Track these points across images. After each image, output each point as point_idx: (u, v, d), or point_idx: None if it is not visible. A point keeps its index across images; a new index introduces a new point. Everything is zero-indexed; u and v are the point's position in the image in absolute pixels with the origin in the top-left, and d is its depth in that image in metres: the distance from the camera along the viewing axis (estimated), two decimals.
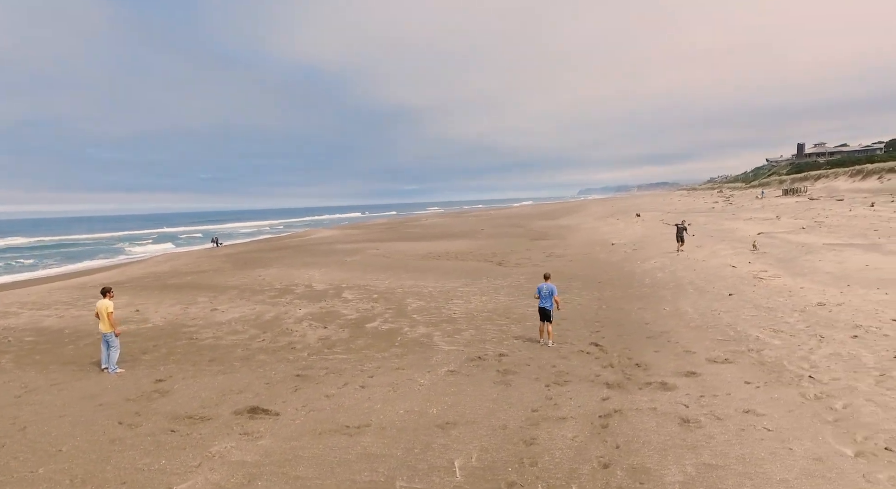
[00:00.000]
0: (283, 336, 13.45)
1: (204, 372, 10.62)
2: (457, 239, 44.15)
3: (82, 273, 33.63)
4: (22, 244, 72.65)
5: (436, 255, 31.56)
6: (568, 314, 15.24)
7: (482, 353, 11.67)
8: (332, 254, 33.98)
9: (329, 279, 22.95)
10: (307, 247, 40.97)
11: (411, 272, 24.53)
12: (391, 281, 22.13)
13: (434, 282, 21.64)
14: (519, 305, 16.56)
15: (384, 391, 9.39)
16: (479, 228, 57.93)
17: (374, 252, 34.79)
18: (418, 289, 19.85)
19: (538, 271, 23.12)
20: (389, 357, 11.55)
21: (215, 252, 42.61)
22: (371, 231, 61.76)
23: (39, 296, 20.84)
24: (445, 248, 35.65)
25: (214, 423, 8.02)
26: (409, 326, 14.28)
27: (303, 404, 8.81)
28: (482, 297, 18.01)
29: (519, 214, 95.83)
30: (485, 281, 21.53)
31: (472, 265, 26.76)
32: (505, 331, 13.62)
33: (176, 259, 37.06)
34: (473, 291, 19.24)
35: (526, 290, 19.08)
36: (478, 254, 31.49)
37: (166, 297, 19.40)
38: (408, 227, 66.56)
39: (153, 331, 14.23)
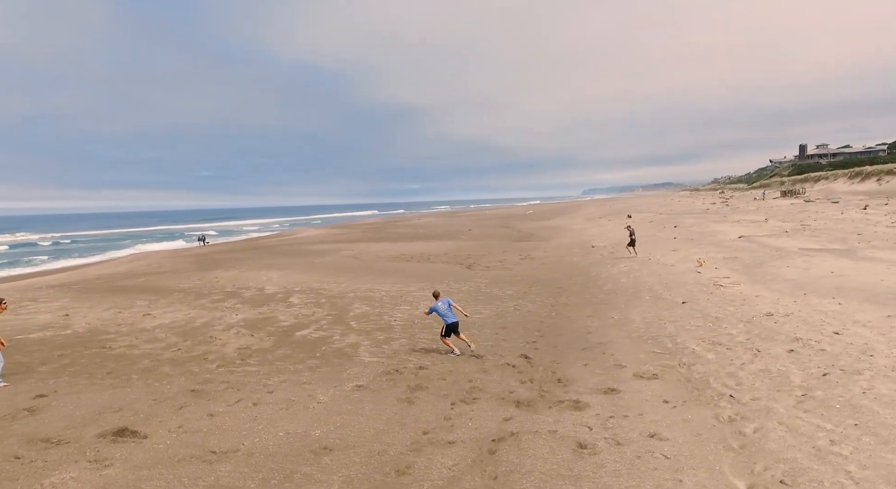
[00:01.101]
0: (201, 345, 12.80)
1: (95, 386, 9.97)
2: (437, 240, 43.49)
3: (44, 273, 33.02)
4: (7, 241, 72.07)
5: (407, 257, 30.90)
6: (512, 322, 14.58)
7: (402, 366, 11.01)
8: (304, 255, 33.34)
9: (285, 282, 22.30)
10: (282, 248, 40.35)
11: (373, 275, 23.88)
12: (348, 284, 21.47)
13: (391, 285, 20.98)
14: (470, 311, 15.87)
15: (275, 410, 8.73)
16: (467, 229, 57.29)
17: (347, 253, 34.14)
18: (371, 294, 19.19)
19: (506, 275, 22.52)
20: (302, 370, 10.89)
21: (188, 252, 41.96)
22: (355, 231, 61.13)
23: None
24: (421, 250, 34.99)
25: (69, 448, 7.35)
26: (340, 335, 13.62)
27: (179, 425, 8.14)
28: (427, 303, 17.31)
29: (513, 215, 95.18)
30: (444, 284, 20.84)
31: (440, 268, 26.09)
32: (438, 340, 12.94)
33: (142, 259, 36.47)
34: (427, 296, 18.54)
35: (483, 295, 18.43)
36: (451, 256, 30.82)
37: (105, 301, 18.76)
38: (395, 228, 65.89)
39: (69, 338, 13.58)
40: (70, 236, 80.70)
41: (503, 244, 38.25)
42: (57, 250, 56.84)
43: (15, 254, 52.14)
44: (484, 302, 17.38)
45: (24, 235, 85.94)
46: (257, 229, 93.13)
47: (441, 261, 28.63)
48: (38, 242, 70.35)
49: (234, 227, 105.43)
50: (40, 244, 67.22)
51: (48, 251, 56.26)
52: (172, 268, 28.67)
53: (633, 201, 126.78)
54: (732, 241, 27.64)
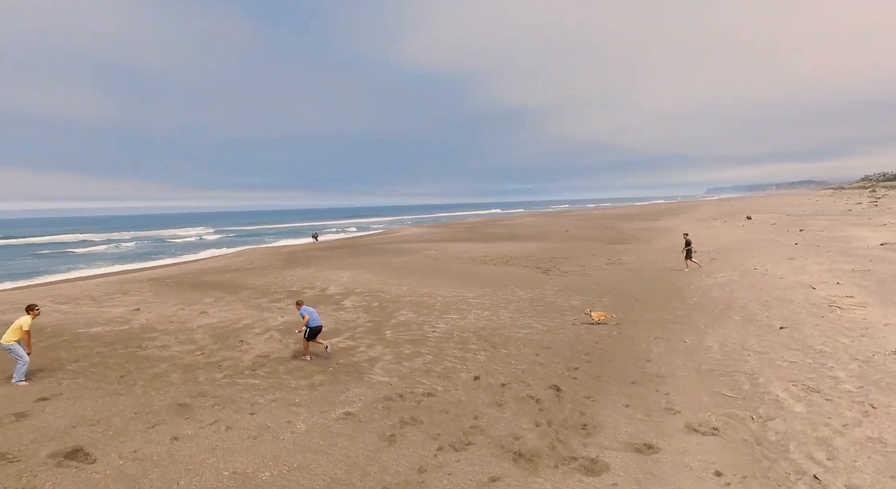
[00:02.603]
0: (226, 350, 12.40)
1: (98, 391, 9.77)
2: (527, 241, 41.44)
3: (159, 267, 36.00)
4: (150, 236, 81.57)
5: (486, 259, 29.39)
6: (561, 340, 12.60)
7: (409, 389, 9.66)
8: (385, 254, 33.13)
9: (351, 282, 21.88)
10: (371, 246, 40.66)
11: (441, 277, 22.72)
12: (410, 286, 20.51)
13: (452, 289, 19.66)
14: (515, 325, 14.13)
15: (242, 438, 7.80)
16: (564, 230, 54.38)
17: (429, 253, 33.38)
18: (426, 299, 18.01)
19: (581, 282, 20.33)
20: (302, 387, 9.93)
21: (291, 248, 43.75)
22: (451, 230, 60.60)
23: (79, 289, 22.04)
24: (504, 251, 33.30)
25: (12, 469, 6.91)
26: (367, 346, 12.57)
27: (135, 449, 7.47)
28: (483, 312, 15.76)
29: (618, 215, 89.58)
30: (507, 291, 19.13)
31: (514, 271, 24.29)
32: (467, 358, 11.41)
33: (243, 255, 38.51)
34: (482, 303, 17.01)
35: (543, 306, 16.50)
36: (532, 259, 28.81)
37: (178, 297, 19.47)
38: (491, 228, 64.46)
39: (118, 335, 13.90)
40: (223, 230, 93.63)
41: (595, 247, 35.32)
42: (193, 244, 62.79)
43: (162, 247, 58.56)
44: (540, 314, 15.45)
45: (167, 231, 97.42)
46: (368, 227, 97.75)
47: (519, 265, 26.77)
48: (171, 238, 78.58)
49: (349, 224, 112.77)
50: (182, 239, 74.89)
51: (183, 246, 62.27)
52: (261, 265, 29.73)
53: (759, 201, 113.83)
54: (870, 249, 22.74)
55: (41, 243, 74.68)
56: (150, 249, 57.39)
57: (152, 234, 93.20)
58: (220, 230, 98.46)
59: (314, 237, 57.05)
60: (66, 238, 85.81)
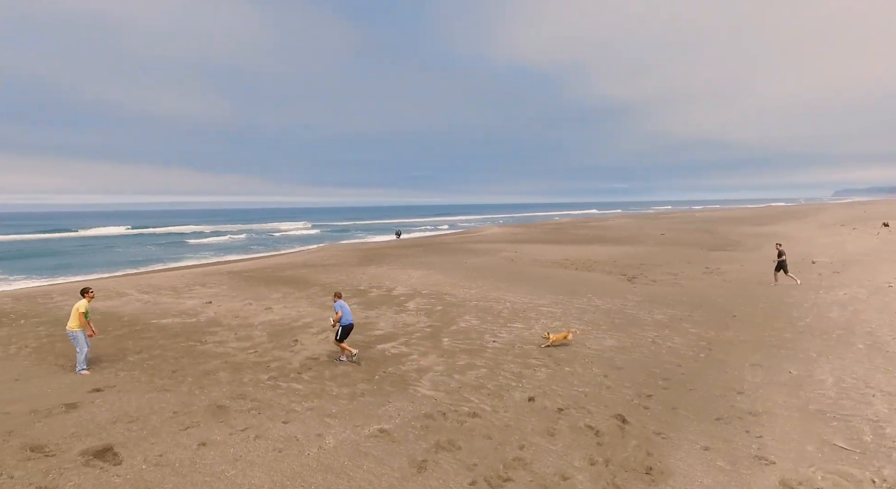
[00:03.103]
0: (278, 349, 12.20)
1: (148, 385, 9.81)
2: (615, 244, 39.01)
3: (245, 260, 37.81)
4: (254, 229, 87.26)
5: (567, 263, 27.77)
6: (636, 361, 11.13)
7: (454, 407, 8.78)
8: (461, 254, 32.44)
9: (420, 282, 21.38)
10: (448, 245, 40.16)
11: (514, 281, 21.61)
12: (479, 289, 19.62)
13: (523, 295, 18.51)
14: (586, 339, 12.79)
15: (267, 451, 7.32)
16: (659, 233, 50.86)
17: (506, 254, 32.26)
18: (494, 304, 17.03)
19: (669, 293, 18.49)
20: (342, 396, 9.37)
21: (370, 245, 44.38)
22: (535, 231, 58.82)
23: (165, 279, 23.32)
24: (589, 255, 31.41)
25: (44, 464, 6.87)
26: (420, 354, 11.84)
27: (162, 452, 7.24)
28: (552, 322, 14.50)
29: (724, 218, 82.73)
30: (583, 299, 17.66)
31: (594, 278, 22.60)
32: (524, 375, 10.33)
33: (323, 251, 39.48)
34: (553, 312, 15.74)
35: (621, 319, 14.96)
36: (618, 264, 26.81)
37: (250, 291, 19.95)
38: (578, 229, 61.84)
39: (184, 327, 14.25)
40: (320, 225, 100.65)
41: (692, 252, 32.37)
42: (290, 238, 66.20)
43: (261, 240, 62.37)
44: (616, 327, 13.93)
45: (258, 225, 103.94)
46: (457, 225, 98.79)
47: (601, 270, 24.95)
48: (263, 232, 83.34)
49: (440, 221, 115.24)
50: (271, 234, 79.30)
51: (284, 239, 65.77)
52: (336, 262, 30.19)
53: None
54: None
55: (161, 233, 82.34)
56: (250, 242, 61.14)
57: (256, 227, 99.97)
58: (316, 225, 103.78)
59: (397, 235, 57.84)
60: (182, 229, 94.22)
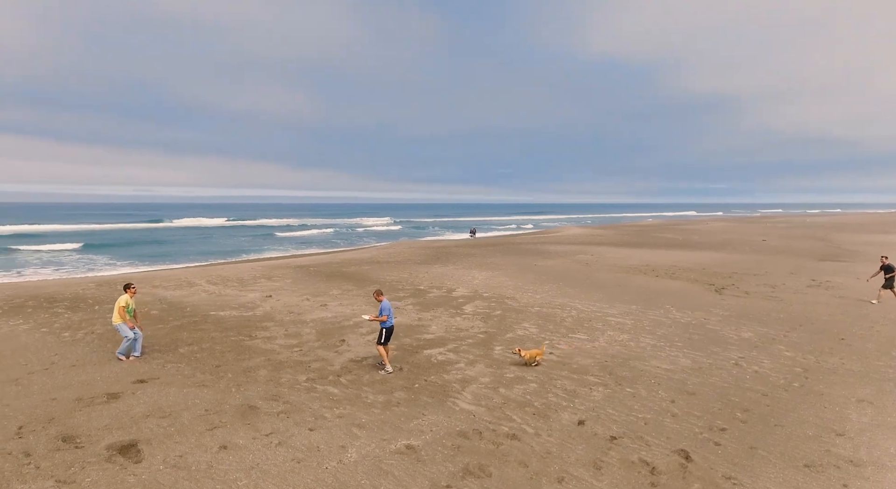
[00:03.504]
0: (323, 349, 11.89)
1: (190, 380, 9.78)
2: (705, 250, 36.03)
3: (316, 255, 38.70)
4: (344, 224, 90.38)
5: (647, 269, 25.80)
6: (712, 386, 9.71)
7: (492, 426, 7.95)
8: (532, 256, 31.22)
9: (483, 284, 20.58)
10: (520, 246, 38.91)
11: (585, 286, 20.25)
12: (545, 295, 18.51)
13: (592, 303, 17.19)
14: (656, 356, 11.45)
15: (285, 460, 6.89)
16: (759, 239, 46.61)
17: (581, 257, 30.65)
18: (557, 311, 15.90)
19: (763, 308, 16.60)
20: (375, 405, 8.81)
21: (442, 244, 44.06)
22: (616, 233, 55.95)
23: (235, 271, 24.06)
24: (673, 261, 29.10)
25: (70, 457, 6.84)
26: (467, 363, 11.07)
27: (183, 453, 7.01)
28: (620, 335, 13.21)
29: (839, 224, 74.81)
30: (660, 310, 16.08)
31: (676, 287, 20.70)
32: (578, 394, 9.27)
33: (392, 248, 39.55)
34: (623, 324, 14.38)
35: (701, 335, 13.40)
36: (706, 273, 24.52)
37: (310, 286, 20.07)
38: (665, 232, 58.15)
39: (238, 321, 14.37)
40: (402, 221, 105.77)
41: (797, 262, 29.08)
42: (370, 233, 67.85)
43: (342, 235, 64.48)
44: (694, 345, 12.39)
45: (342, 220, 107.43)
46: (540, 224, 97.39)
47: (686, 278, 22.87)
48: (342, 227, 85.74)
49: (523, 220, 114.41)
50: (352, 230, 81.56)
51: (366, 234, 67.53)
52: (402, 259, 30.03)
53: None
54: None
55: (253, 226, 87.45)
56: (332, 236, 63.26)
57: (341, 221, 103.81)
58: (399, 221, 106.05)
59: (472, 233, 57.21)
60: (273, 222, 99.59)
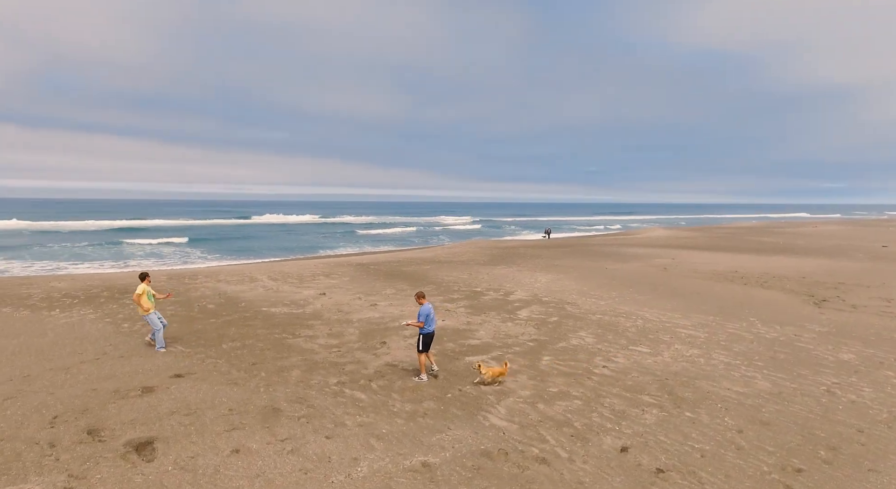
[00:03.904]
0: (363, 351, 11.51)
1: (224, 377, 9.71)
2: (806, 256, 32.45)
3: (379, 253, 38.91)
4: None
5: (732, 276, 23.46)
6: (793, 415, 8.29)
7: (521, 447, 7.15)
8: (604, 259, 29.50)
9: (544, 288, 19.52)
10: (594, 248, 37.00)
11: (656, 294, 18.64)
12: (610, 302, 17.18)
13: (662, 312, 15.69)
14: (728, 376, 10.06)
15: (293, 470, 6.51)
16: (880, 245, 41.53)
17: (660, 261, 28.53)
18: (621, 320, 14.62)
19: (871, 325, 14.81)
20: (400, 414, 8.26)
21: (500, 244, 42.82)
22: (704, 236, 52.01)
23: (297, 268, 24.42)
24: (766, 268, 26.35)
25: (89, 450, 6.84)
26: (511, 372, 10.25)
27: (195, 454, 6.83)
28: (689, 350, 11.81)
29: None
30: (742, 323, 14.35)
31: (765, 297, 18.55)
32: (627, 415, 8.21)
33: (457, 247, 38.88)
34: (695, 337, 12.91)
35: (787, 354, 11.75)
36: (805, 282, 21.87)
37: (365, 285, 19.91)
38: (761, 235, 53.36)
39: (286, 318, 14.35)
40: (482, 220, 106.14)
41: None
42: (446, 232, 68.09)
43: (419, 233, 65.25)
44: (778, 365, 10.79)
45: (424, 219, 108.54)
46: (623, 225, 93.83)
47: (780, 287, 20.49)
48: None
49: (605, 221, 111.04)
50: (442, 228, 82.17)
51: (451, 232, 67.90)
52: (465, 259, 29.38)
53: None
54: None
55: (337, 223, 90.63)
56: (408, 235, 63.99)
57: (422, 220, 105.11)
58: (479, 220, 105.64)
59: (546, 233, 55.55)
60: (355, 220, 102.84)
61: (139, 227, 66.48)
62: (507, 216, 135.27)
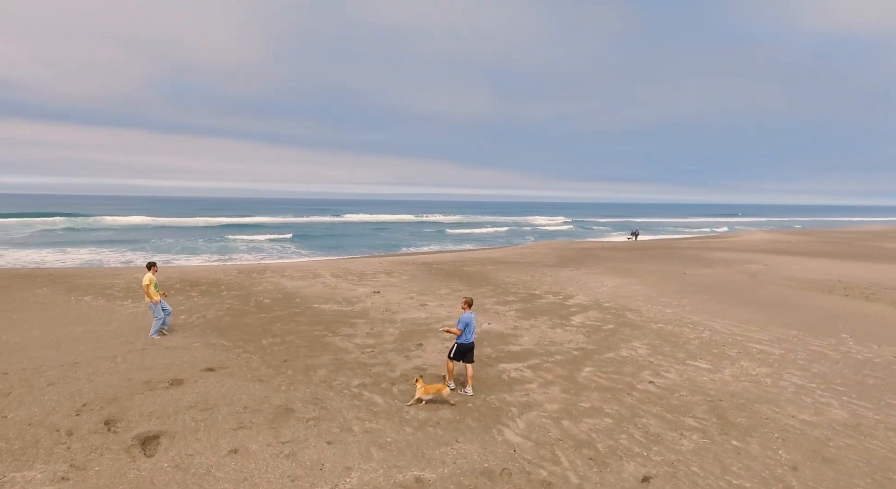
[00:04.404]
0: (397, 352, 11.21)
1: (251, 373, 9.75)
2: None
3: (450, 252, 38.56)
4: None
5: (832, 285, 20.78)
6: (861, 451, 6.94)
7: (526, 468, 6.52)
8: (685, 263, 27.30)
9: (609, 294, 18.30)
10: (676, 252, 34.38)
11: (735, 303, 16.86)
12: (679, 309, 15.76)
13: (736, 323, 14.10)
14: (796, 400, 8.71)
15: (281, 477, 6.29)
16: None
17: (749, 267, 25.95)
18: (684, 330, 13.29)
19: None
20: (412, 422, 7.86)
21: (573, 246, 40.91)
22: (809, 240, 46.93)
23: (363, 265, 24.63)
24: (878, 277, 23.18)
25: (98, 441, 7.05)
26: (543, 383, 9.52)
27: (194, 452, 6.83)
28: (757, 368, 10.42)
29: None
30: (829, 340, 12.54)
31: (868, 310, 16.19)
32: (661, 439, 7.28)
33: (529, 247, 37.69)
34: (767, 353, 11.41)
35: (884, 378, 10.04)
36: None
37: (421, 284, 19.65)
38: (884, 241, 47.32)
39: (332, 315, 14.37)
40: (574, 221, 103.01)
41: None
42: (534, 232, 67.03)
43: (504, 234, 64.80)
44: (862, 392, 9.20)
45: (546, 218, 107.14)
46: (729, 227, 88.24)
47: (888, 301, 17.85)
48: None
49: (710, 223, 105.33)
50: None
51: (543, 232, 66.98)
52: (532, 260, 28.37)
53: None
54: None
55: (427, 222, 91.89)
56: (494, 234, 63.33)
57: (510, 219, 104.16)
58: (570, 221, 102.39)
59: (633, 235, 52.70)
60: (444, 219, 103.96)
61: (245, 224, 70.78)
62: (601, 217, 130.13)
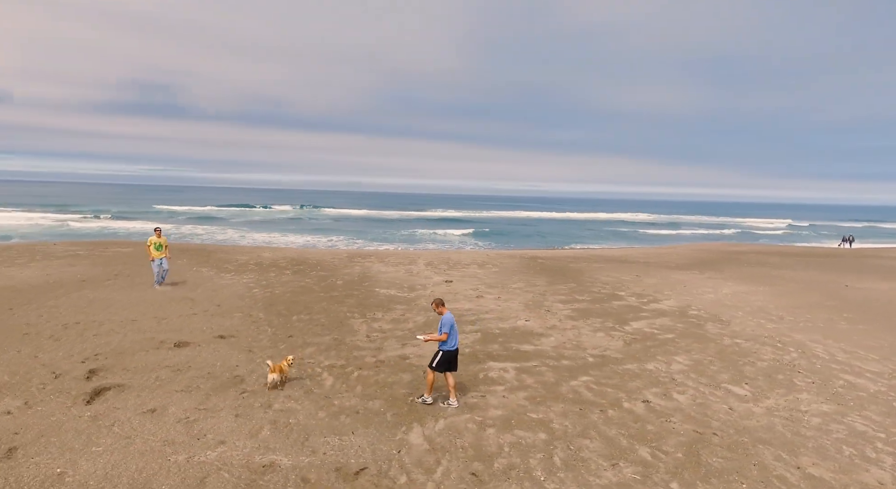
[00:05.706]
0: (399, 340, 10.67)
1: (252, 344, 10.11)
2: None
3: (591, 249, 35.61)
4: None
5: None
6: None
7: (392, 473, 5.70)
8: (867, 274, 21.54)
9: (712, 301, 15.28)
10: (868, 261, 27.23)
11: (879, 325, 12.79)
12: (785, 325, 12.59)
13: (847, 348, 10.80)
14: (808, 441, 6.21)
15: (158, 439, 6.35)
16: None
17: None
18: (765, 350, 10.45)
19: None
20: (337, 408, 7.39)
21: (728, 248, 34.41)
22: None
23: (468, 257, 23.91)
24: None
25: (68, 385, 7.93)
26: (511, 388, 8.27)
27: (120, 407, 7.30)
28: (818, 406, 7.77)
29: None
30: None
31: None
32: (583, 470, 5.78)
33: (660, 249, 32.97)
34: (860, 387, 8.45)
35: None
36: None
37: (500, 278, 18.45)
38: None
39: (385, 299, 14.22)
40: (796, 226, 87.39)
41: None
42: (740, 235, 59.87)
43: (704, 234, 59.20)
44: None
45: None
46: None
47: None
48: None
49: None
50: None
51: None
52: (663, 261, 24.92)
53: None
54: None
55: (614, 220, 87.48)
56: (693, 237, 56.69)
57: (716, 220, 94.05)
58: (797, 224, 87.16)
59: (846, 241, 42.45)
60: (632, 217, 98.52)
61: (437, 218, 74.50)
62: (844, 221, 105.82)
